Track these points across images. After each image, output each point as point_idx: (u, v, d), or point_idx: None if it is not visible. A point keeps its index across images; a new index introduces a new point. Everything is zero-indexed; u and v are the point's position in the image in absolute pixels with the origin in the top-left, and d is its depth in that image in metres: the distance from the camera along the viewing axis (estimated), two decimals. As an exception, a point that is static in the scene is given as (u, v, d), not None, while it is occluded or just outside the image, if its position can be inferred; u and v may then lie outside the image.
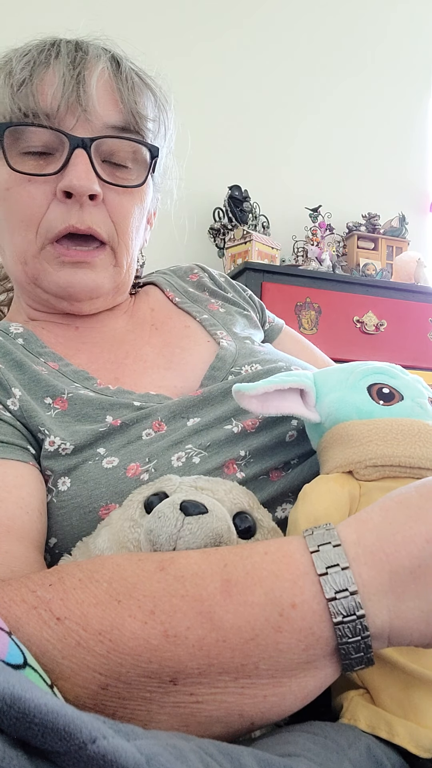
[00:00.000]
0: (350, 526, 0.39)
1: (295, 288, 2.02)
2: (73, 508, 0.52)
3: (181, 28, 2.35)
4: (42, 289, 0.64)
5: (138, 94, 0.63)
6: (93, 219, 0.61)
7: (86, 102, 0.59)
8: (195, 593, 0.37)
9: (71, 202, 0.60)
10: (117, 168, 0.63)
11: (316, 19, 2.56)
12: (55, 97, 0.59)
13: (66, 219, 0.60)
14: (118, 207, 0.63)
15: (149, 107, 0.65)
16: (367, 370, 0.52)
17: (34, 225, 0.61)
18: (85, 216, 0.60)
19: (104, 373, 0.64)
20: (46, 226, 0.61)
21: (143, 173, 0.65)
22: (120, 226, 0.63)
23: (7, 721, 0.22)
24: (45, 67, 0.60)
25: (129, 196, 0.64)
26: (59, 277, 0.62)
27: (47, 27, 0.66)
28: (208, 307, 0.76)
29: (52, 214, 0.60)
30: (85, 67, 0.60)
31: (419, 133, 2.72)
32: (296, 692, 0.37)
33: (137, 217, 0.66)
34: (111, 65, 0.62)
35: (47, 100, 0.59)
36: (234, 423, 0.57)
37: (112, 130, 0.61)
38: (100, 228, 0.61)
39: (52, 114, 0.59)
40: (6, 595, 0.38)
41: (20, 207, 0.61)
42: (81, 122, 0.60)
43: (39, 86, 0.59)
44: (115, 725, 0.26)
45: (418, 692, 0.41)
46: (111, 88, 0.61)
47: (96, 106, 0.60)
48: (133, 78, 0.63)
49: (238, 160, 2.39)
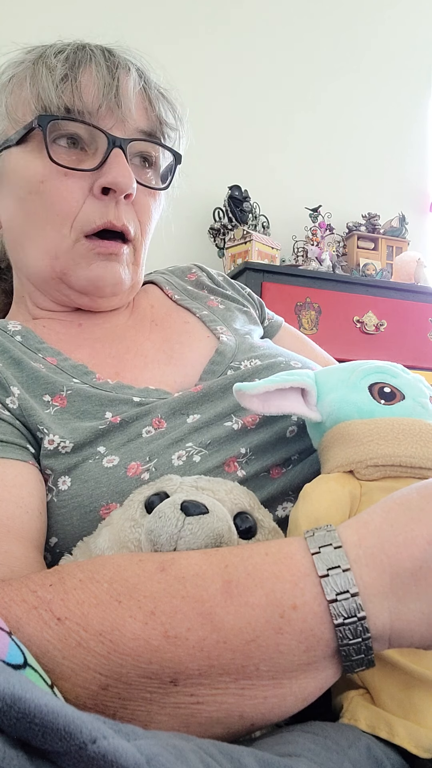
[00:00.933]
0: (351, 528, 0.39)
1: (295, 288, 2.02)
2: (73, 508, 0.52)
3: (181, 28, 2.35)
4: (67, 285, 0.65)
5: (162, 104, 0.66)
6: (127, 217, 0.64)
7: (124, 105, 0.62)
8: (196, 594, 0.37)
9: (108, 199, 0.62)
10: (141, 170, 0.66)
11: (316, 19, 2.56)
12: (97, 97, 0.61)
13: (104, 215, 0.62)
14: (144, 207, 0.66)
15: (170, 117, 0.68)
16: (368, 369, 0.52)
17: (70, 219, 0.62)
18: (121, 213, 0.63)
19: (104, 368, 0.64)
20: (82, 220, 0.62)
21: (159, 179, 0.68)
22: (144, 225, 0.67)
23: (7, 721, 0.22)
24: (84, 66, 0.61)
25: (152, 197, 0.67)
26: (91, 270, 0.64)
27: (45, 28, 0.67)
28: (208, 304, 0.76)
29: (89, 209, 0.62)
30: (119, 74, 0.63)
31: (419, 133, 2.72)
32: (297, 693, 0.37)
33: (155, 218, 0.69)
34: (139, 76, 0.65)
35: (90, 98, 0.61)
36: (234, 420, 0.57)
37: (142, 134, 0.64)
38: (130, 225, 0.64)
39: (93, 112, 0.61)
40: (6, 595, 0.38)
41: (56, 200, 0.62)
42: (118, 124, 0.62)
43: (82, 83, 0.61)
44: (115, 725, 0.26)
45: (418, 692, 0.41)
46: (142, 96, 0.65)
47: (132, 110, 0.63)
48: (157, 90, 0.67)
49: (238, 160, 2.39)
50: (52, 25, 0.69)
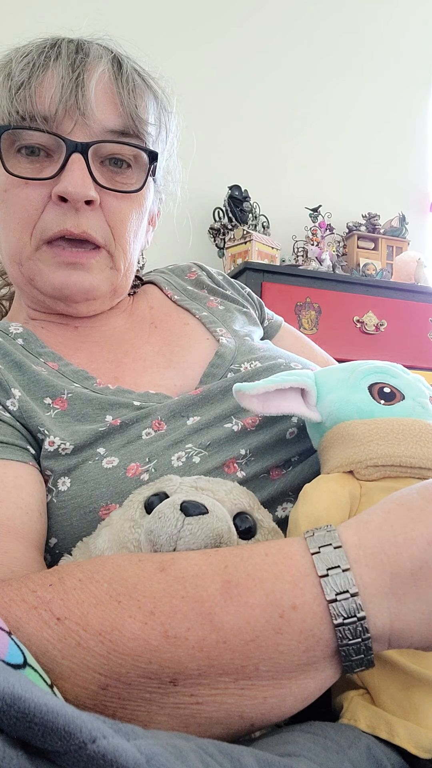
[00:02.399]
0: (351, 528, 0.39)
1: (295, 288, 2.02)
2: (73, 509, 0.52)
3: (182, 28, 2.35)
4: (38, 290, 0.64)
5: (139, 97, 0.62)
6: (89, 223, 0.60)
7: (84, 106, 0.59)
8: (195, 594, 0.37)
9: (67, 206, 0.60)
10: (117, 171, 0.63)
11: (316, 19, 2.56)
12: (53, 101, 0.58)
13: (61, 222, 0.60)
14: (115, 212, 0.62)
15: (150, 110, 0.64)
16: (368, 369, 0.52)
17: (30, 227, 0.61)
18: (80, 220, 0.60)
19: (104, 373, 0.64)
20: (41, 228, 0.60)
21: (143, 176, 0.64)
22: (116, 230, 0.63)
23: (7, 720, 0.22)
24: (44, 69, 0.59)
25: (127, 200, 0.63)
26: (54, 278, 0.62)
27: (49, 26, 0.66)
28: (207, 305, 0.76)
29: (47, 216, 0.60)
30: (84, 70, 0.60)
31: (419, 133, 2.72)
32: (296, 694, 0.37)
33: (135, 221, 0.65)
34: (112, 67, 0.62)
35: (45, 104, 0.58)
36: (234, 421, 0.57)
37: (111, 134, 0.61)
38: (95, 232, 0.61)
39: (50, 117, 0.59)
40: (6, 595, 0.38)
41: (16, 209, 0.61)
42: (79, 126, 0.59)
43: (37, 89, 0.59)
44: (114, 725, 0.26)
45: (418, 693, 0.41)
46: (111, 92, 0.61)
47: (94, 110, 0.59)
48: (134, 79, 0.63)
49: (238, 160, 2.39)
50: (53, 24, 0.69)
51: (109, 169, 0.62)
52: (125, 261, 0.65)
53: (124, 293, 0.70)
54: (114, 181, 0.62)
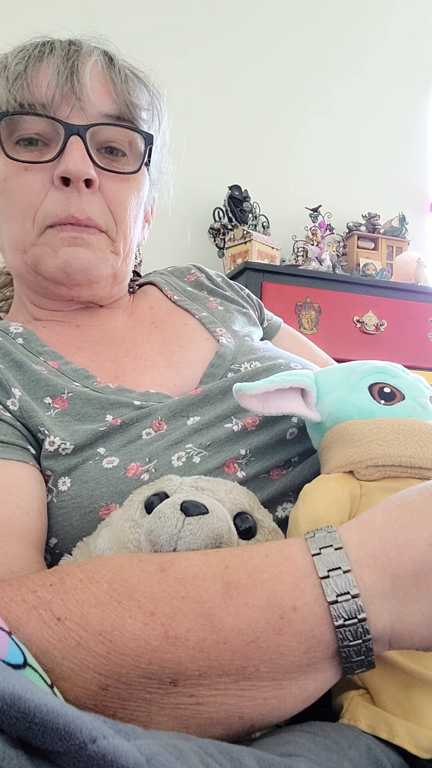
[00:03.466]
0: (352, 529, 0.39)
1: (295, 288, 2.02)
2: (73, 509, 0.52)
3: (182, 29, 2.35)
4: (42, 276, 0.64)
5: (131, 85, 0.64)
6: (92, 208, 0.62)
7: (80, 91, 0.60)
8: (196, 595, 0.37)
9: (69, 190, 0.60)
10: (113, 157, 0.64)
11: (316, 19, 2.56)
12: (50, 87, 0.60)
13: (66, 207, 0.60)
14: (115, 195, 0.64)
15: (143, 97, 0.66)
16: (368, 369, 0.52)
17: (32, 213, 0.61)
18: (84, 204, 0.61)
19: (104, 372, 0.64)
20: (44, 213, 0.61)
21: (138, 162, 0.65)
22: (117, 213, 0.64)
23: (7, 720, 0.22)
24: (39, 60, 0.61)
25: (125, 183, 0.65)
26: (58, 256, 0.62)
27: (44, 29, 0.67)
28: (207, 305, 0.76)
29: (50, 202, 0.61)
30: (78, 59, 0.61)
31: (419, 133, 2.72)
32: (297, 694, 0.37)
33: (134, 206, 0.66)
34: (104, 58, 0.64)
35: (42, 91, 0.60)
36: (234, 421, 0.57)
37: (106, 118, 0.62)
38: (98, 217, 0.62)
39: (47, 104, 0.60)
40: (6, 595, 0.38)
41: (18, 196, 0.61)
42: (76, 111, 0.61)
43: (34, 78, 0.60)
44: (115, 725, 0.26)
45: (418, 693, 0.41)
46: (104, 79, 0.63)
47: (90, 94, 0.61)
48: (125, 71, 0.64)
49: (238, 160, 2.39)
50: (48, 26, 0.69)
51: (105, 156, 0.64)
52: (125, 246, 0.66)
53: (124, 282, 0.71)
54: (112, 165, 0.64)
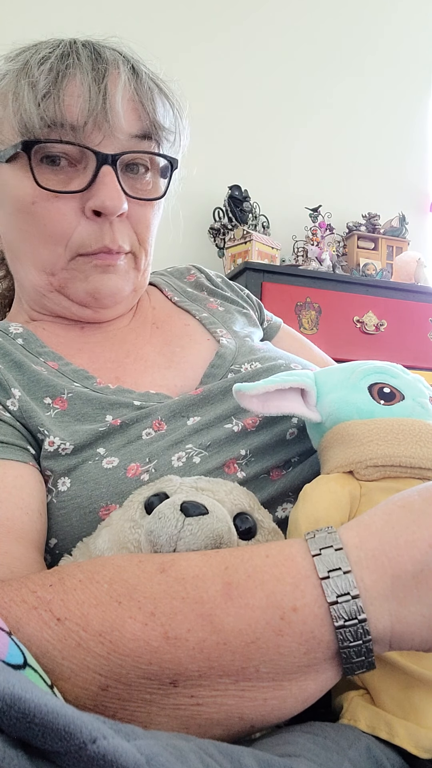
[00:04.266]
0: (352, 530, 0.39)
1: (295, 288, 2.02)
2: (73, 509, 0.52)
3: (182, 28, 2.35)
4: (66, 297, 0.65)
5: (157, 104, 0.63)
6: (122, 236, 0.62)
7: (113, 117, 0.59)
8: (196, 596, 0.37)
9: (101, 221, 0.60)
10: (135, 178, 0.63)
11: (317, 19, 2.56)
12: (82, 113, 0.58)
13: (100, 239, 0.61)
14: (141, 219, 0.64)
15: (167, 116, 0.64)
16: (368, 369, 0.52)
17: (64, 240, 0.61)
18: (116, 235, 0.61)
19: (104, 373, 0.64)
20: (78, 242, 0.61)
21: (159, 180, 0.65)
22: (142, 236, 0.65)
23: (7, 721, 0.22)
24: (69, 77, 0.58)
25: (150, 207, 0.65)
26: (89, 283, 0.63)
27: (49, 24, 0.66)
28: (207, 306, 0.76)
29: (84, 232, 0.61)
30: (108, 79, 0.59)
31: (419, 133, 2.72)
32: (297, 695, 0.37)
33: (155, 225, 0.67)
34: (132, 75, 0.62)
35: (74, 112, 0.58)
36: (234, 422, 0.57)
37: (134, 139, 0.61)
38: (125, 242, 0.63)
39: (78, 128, 0.58)
40: (6, 595, 0.38)
41: (48, 222, 0.60)
42: (107, 138, 0.59)
43: (65, 99, 0.58)
44: (115, 725, 0.26)
45: (418, 693, 0.41)
46: (134, 100, 0.61)
47: (122, 120, 0.59)
48: (151, 87, 0.63)
49: (238, 160, 2.39)
50: (52, 22, 0.68)
51: (128, 176, 0.63)
52: (146, 261, 0.68)
53: (141, 293, 0.72)
54: (135, 188, 0.63)
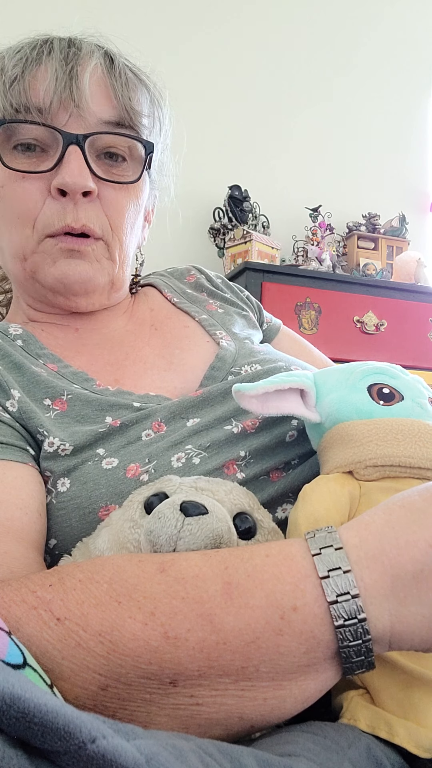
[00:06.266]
0: (352, 530, 0.39)
1: (295, 288, 2.02)
2: (72, 509, 0.52)
3: (180, 27, 2.35)
4: (40, 284, 0.64)
5: (132, 90, 0.63)
6: (87, 216, 0.61)
7: (79, 98, 0.59)
8: (195, 595, 0.37)
9: (66, 200, 0.60)
10: (113, 164, 0.63)
11: (316, 19, 2.56)
12: (48, 93, 0.59)
13: (62, 218, 0.60)
14: (113, 202, 0.63)
15: (144, 103, 0.64)
16: (367, 370, 0.52)
17: (31, 221, 0.61)
18: (80, 214, 0.60)
19: (104, 375, 0.64)
20: (43, 222, 0.61)
21: (139, 169, 0.65)
22: (114, 221, 0.63)
23: (6, 720, 0.22)
24: (37, 63, 0.60)
25: (124, 191, 0.64)
26: (56, 267, 0.62)
27: (43, 26, 0.66)
28: (207, 308, 0.76)
29: (48, 211, 0.60)
30: (77, 63, 0.60)
31: (419, 133, 2.72)
32: (297, 695, 0.37)
33: (132, 213, 0.66)
34: (104, 61, 0.62)
35: (39, 96, 0.59)
36: (234, 423, 0.57)
37: (106, 125, 0.61)
38: (93, 224, 0.62)
39: (44, 109, 0.59)
40: (6, 595, 0.38)
41: (16, 204, 0.61)
42: (74, 118, 0.60)
43: (31, 82, 0.59)
44: (114, 725, 0.26)
45: (418, 692, 0.41)
46: (104, 84, 0.61)
47: (89, 101, 0.60)
48: (126, 74, 0.63)
49: (238, 160, 2.39)
50: (47, 23, 0.68)
51: (105, 163, 0.63)
52: (121, 252, 0.65)
53: (122, 289, 0.70)
54: (110, 172, 0.63)
